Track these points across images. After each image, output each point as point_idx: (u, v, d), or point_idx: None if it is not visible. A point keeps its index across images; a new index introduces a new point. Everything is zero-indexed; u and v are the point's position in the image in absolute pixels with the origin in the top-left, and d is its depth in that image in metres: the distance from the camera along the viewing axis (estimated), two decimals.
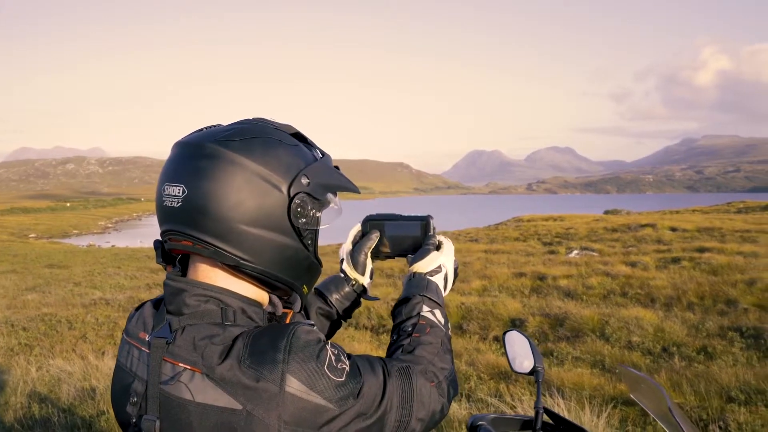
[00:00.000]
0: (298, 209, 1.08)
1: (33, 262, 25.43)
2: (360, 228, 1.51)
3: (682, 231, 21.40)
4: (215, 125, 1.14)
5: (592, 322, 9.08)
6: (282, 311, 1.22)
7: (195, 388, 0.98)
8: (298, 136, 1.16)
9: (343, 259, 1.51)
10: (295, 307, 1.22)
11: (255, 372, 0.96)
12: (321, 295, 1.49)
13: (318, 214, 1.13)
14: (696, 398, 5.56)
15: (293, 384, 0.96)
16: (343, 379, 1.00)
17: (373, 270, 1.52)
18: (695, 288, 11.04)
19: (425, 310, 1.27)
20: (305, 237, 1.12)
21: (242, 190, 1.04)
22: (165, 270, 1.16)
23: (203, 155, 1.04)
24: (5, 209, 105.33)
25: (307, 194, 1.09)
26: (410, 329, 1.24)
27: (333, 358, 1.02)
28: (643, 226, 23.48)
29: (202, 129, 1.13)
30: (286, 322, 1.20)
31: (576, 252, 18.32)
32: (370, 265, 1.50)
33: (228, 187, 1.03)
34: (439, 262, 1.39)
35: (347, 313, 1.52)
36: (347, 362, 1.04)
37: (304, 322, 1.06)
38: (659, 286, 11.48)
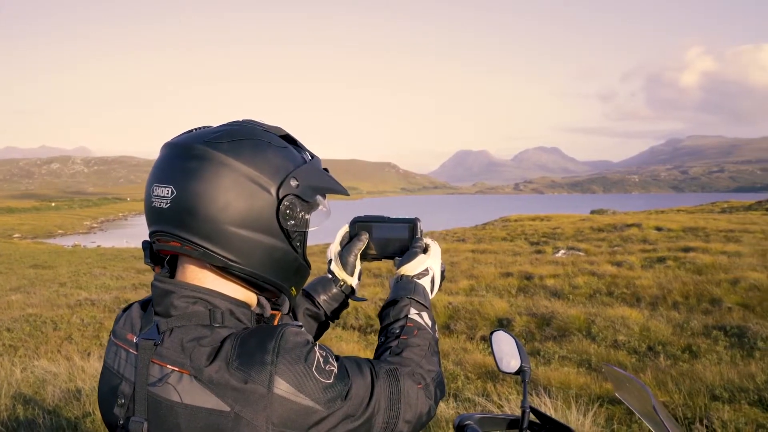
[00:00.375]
0: (287, 211, 1.09)
1: (17, 263, 25.21)
2: (348, 229, 1.51)
3: (667, 231, 21.58)
4: (204, 127, 1.14)
5: (579, 321, 9.13)
6: (270, 313, 1.22)
7: (183, 389, 0.98)
8: (288, 138, 1.16)
9: (331, 259, 1.51)
10: (284, 309, 1.22)
11: (243, 374, 0.96)
12: (308, 297, 1.49)
13: (307, 216, 1.13)
14: (681, 397, 5.60)
15: (281, 386, 0.96)
16: (331, 381, 1.00)
17: (361, 271, 1.52)
18: (680, 287, 11.14)
19: (413, 313, 1.28)
20: (294, 239, 1.12)
21: (231, 192, 1.03)
22: (153, 271, 1.15)
23: (192, 156, 1.04)
24: None
25: (296, 196, 1.09)
26: (398, 331, 1.24)
27: (321, 359, 1.02)
28: (629, 225, 23.66)
29: (192, 130, 1.13)
30: (275, 323, 1.20)
31: (563, 252, 18.41)
32: (359, 267, 1.50)
33: (217, 188, 1.03)
34: (426, 265, 1.39)
35: (335, 315, 1.52)
36: (335, 364, 1.04)
37: (292, 324, 1.06)
38: (645, 286, 11.57)
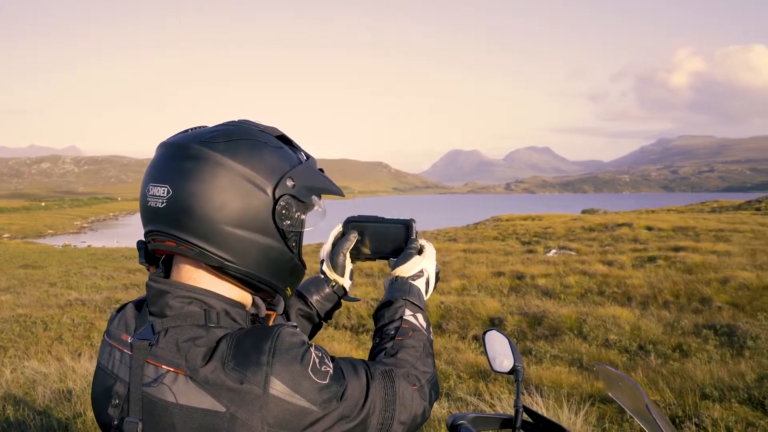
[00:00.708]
0: (283, 211, 1.09)
1: (7, 263, 25.04)
2: (341, 229, 1.51)
3: (657, 230, 21.70)
4: (200, 126, 1.14)
5: (570, 320, 9.17)
6: (265, 313, 1.22)
7: (178, 390, 0.98)
8: (283, 138, 1.17)
9: (323, 260, 1.51)
10: (278, 309, 1.22)
11: (239, 374, 0.96)
12: (301, 297, 1.49)
13: (302, 216, 1.14)
14: (671, 395, 5.63)
15: (277, 386, 0.96)
16: (327, 382, 1.01)
17: (353, 271, 1.52)
18: (671, 286, 11.21)
19: (408, 314, 1.28)
20: (289, 239, 1.13)
21: (227, 192, 1.04)
22: (148, 271, 1.15)
23: (188, 156, 1.04)
24: None
25: (292, 196, 1.10)
26: (393, 332, 1.25)
27: (317, 360, 1.02)
28: (620, 225, 23.78)
29: (187, 130, 1.13)
30: (269, 324, 1.20)
31: (554, 251, 18.47)
32: (349, 266, 1.50)
33: (213, 188, 1.03)
34: (421, 267, 1.40)
35: (328, 315, 1.52)
36: (331, 365, 1.04)
37: (287, 324, 1.06)
38: (636, 285, 11.63)
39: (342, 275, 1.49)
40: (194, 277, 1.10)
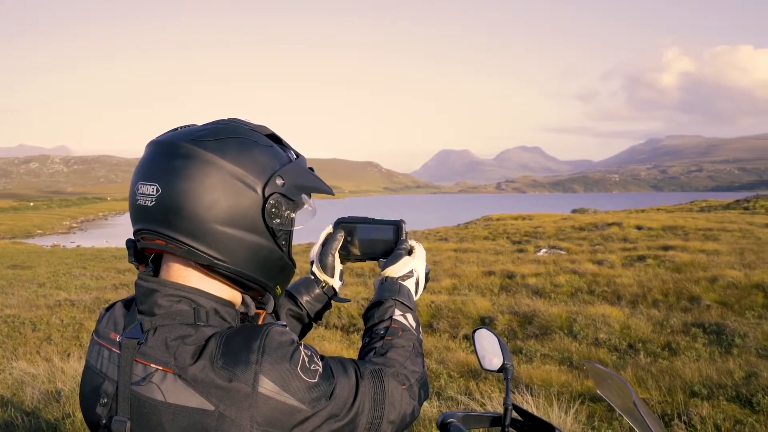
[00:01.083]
0: (273, 210, 1.09)
1: None
2: (332, 230, 1.51)
3: (647, 229, 21.83)
4: (190, 125, 1.14)
5: (560, 319, 9.19)
6: (255, 311, 1.22)
7: (167, 388, 0.98)
8: (273, 137, 1.17)
9: (312, 261, 1.51)
10: (268, 308, 1.22)
11: (228, 372, 0.96)
12: (291, 297, 1.49)
13: (292, 215, 1.14)
14: (660, 393, 5.67)
15: (266, 385, 0.96)
16: (316, 381, 1.01)
17: (343, 271, 1.52)
18: (660, 285, 11.27)
19: (397, 314, 1.28)
20: (279, 237, 1.13)
21: (217, 190, 1.04)
22: (137, 269, 1.15)
23: (178, 155, 1.04)
24: None
25: (282, 195, 1.10)
26: (383, 332, 1.25)
27: (306, 359, 1.02)
28: (610, 224, 23.90)
29: (177, 128, 1.13)
30: (259, 322, 1.20)
31: (544, 250, 18.54)
32: (339, 267, 1.50)
33: (203, 186, 1.03)
34: (410, 267, 1.40)
35: (318, 316, 1.52)
36: (320, 363, 1.04)
37: (277, 323, 1.06)
38: (625, 284, 11.68)
39: (332, 276, 1.49)
40: (183, 275, 1.09)
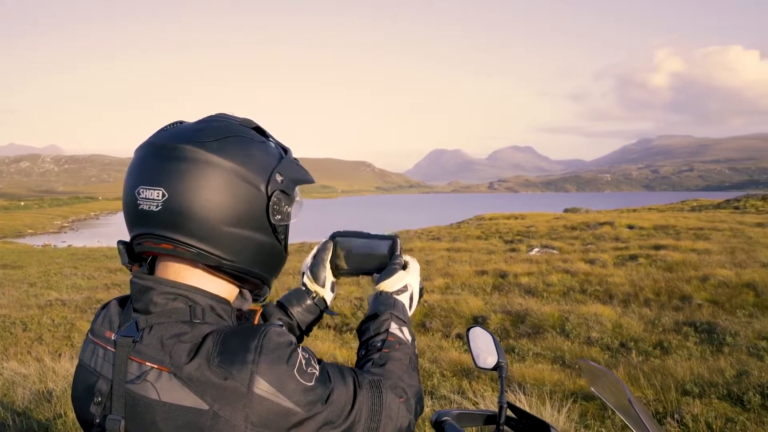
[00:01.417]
0: (275, 207, 1.10)
1: None
2: (325, 242, 1.51)
3: (639, 229, 21.91)
4: (179, 122, 1.13)
5: (553, 318, 9.22)
6: (250, 306, 1.22)
7: (161, 387, 0.97)
8: (259, 130, 1.16)
9: (303, 272, 1.51)
10: (263, 293, 1.23)
11: (224, 371, 0.95)
12: (282, 308, 1.48)
13: (289, 209, 1.14)
14: (652, 392, 5.69)
15: (262, 385, 0.96)
16: (312, 384, 1.00)
17: (335, 283, 1.51)
18: (651, 284, 11.32)
19: (393, 327, 1.28)
20: (279, 232, 1.14)
21: (223, 192, 1.04)
22: (130, 272, 1.13)
23: (181, 157, 1.03)
24: None
25: (281, 191, 1.10)
26: (379, 345, 1.25)
27: (303, 361, 1.01)
28: (602, 224, 23.98)
29: (167, 127, 1.11)
30: (255, 320, 1.20)
31: (537, 250, 18.58)
32: (330, 279, 1.49)
33: (209, 189, 1.03)
34: (405, 282, 1.40)
35: (309, 328, 1.51)
36: (317, 367, 1.04)
37: (275, 324, 1.05)
38: (617, 283, 11.73)
39: (323, 287, 1.48)
40: (182, 274, 1.09)
